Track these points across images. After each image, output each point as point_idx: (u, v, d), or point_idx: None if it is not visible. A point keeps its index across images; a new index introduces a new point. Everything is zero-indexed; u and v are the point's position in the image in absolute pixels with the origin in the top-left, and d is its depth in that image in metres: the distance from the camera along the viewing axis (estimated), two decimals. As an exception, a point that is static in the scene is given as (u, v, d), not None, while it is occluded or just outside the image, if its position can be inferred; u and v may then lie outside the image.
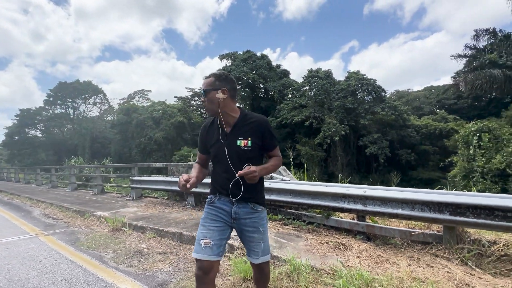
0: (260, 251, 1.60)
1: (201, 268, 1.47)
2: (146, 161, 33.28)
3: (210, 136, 1.64)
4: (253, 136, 1.55)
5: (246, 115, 1.60)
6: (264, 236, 1.62)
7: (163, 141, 35.89)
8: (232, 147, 1.54)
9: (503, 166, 7.45)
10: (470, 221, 2.60)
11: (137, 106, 42.70)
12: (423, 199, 2.83)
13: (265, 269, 1.70)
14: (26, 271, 2.81)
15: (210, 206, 1.64)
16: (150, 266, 2.86)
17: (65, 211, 6.07)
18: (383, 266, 2.55)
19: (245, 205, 1.57)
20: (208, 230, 1.55)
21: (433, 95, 39.78)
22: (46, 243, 3.82)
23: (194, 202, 5.33)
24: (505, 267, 2.50)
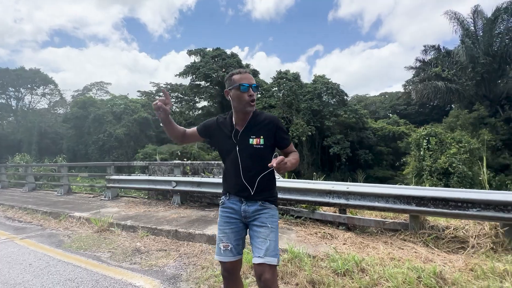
0: (264, 249, 1.41)
1: (225, 270, 1.55)
2: (104, 159, 30.97)
3: (221, 132, 1.62)
4: (265, 135, 1.54)
5: (258, 115, 1.60)
6: (272, 234, 1.48)
7: (125, 137, 33.76)
8: (244, 146, 1.53)
9: (446, 165, 8.84)
10: (431, 210, 3.21)
11: (95, 99, 39.42)
12: (395, 193, 3.39)
13: (268, 278, 1.36)
14: (20, 275, 2.69)
15: (222, 208, 1.64)
16: (154, 262, 2.95)
17: (33, 213, 5.61)
18: (365, 250, 3.02)
19: (254, 203, 1.55)
20: (224, 233, 1.57)
21: (387, 101, 43.83)
22: (26, 247, 3.60)
23: (180, 200, 5.38)
24: (455, 246, 3.15)
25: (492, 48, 16.78)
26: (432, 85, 16.96)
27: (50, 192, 8.57)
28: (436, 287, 2.14)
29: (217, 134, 1.63)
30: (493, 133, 15.16)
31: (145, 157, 27.66)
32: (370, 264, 2.54)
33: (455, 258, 2.82)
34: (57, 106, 46.89)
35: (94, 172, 8.94)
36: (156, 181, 5.51)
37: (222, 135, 1.61)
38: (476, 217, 3.07)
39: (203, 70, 34.64)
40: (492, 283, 2.14)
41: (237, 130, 1.56)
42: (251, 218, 1.55)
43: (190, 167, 5.70)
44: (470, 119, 15.67)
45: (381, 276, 2.32)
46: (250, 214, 1.54)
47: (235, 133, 1.56)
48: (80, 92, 47.12)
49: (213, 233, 3.57)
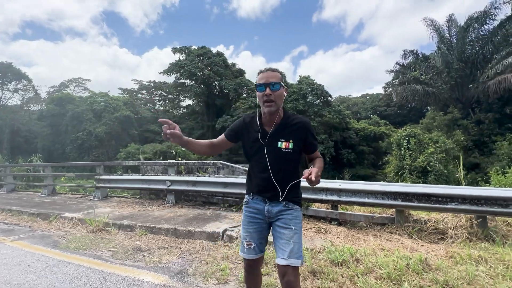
0: (288, 251, 1.42)
1: (248, 265, 1.64)
2: (83, 159, 29.81)
3: (248, 133, 1.59)
4: (295, 139, 1.51)
5: (289, 116, 1.57)
6: (296, 236, 1.48)
7: (106, 136, 32.62)
8: (272, 148, 1.51)
9: (424, 164, 9.46)
10: (415, 205, 3.52)
11: (73, 96, 37.69)
12: (384, 190, 3.67)
13: (292, 280, 1.40)
14: (21, 275, 2.67)
15: (246, 208, 1.66)
16: (158, 259, 3.02)
17: (18, 214, 5.42)
18: (357, 243, 3.26)
19: (278, 203, 1.54)
20: (248, 232, 1.60)
21: (368, 102, 45.44)
22: (20, 248, 3.52)
23: (174, 199, 5.41)
24: (436, 237, 3.47)
25: (464, 54, 17.97)
26: (411, 88, 17.90)
27: (32, 193, 8.23)
28: (422, 272, 2.40)
29: (245, 134, 1.61)
30: (465, 134, 16.27)
31: (128, 157, 26.91)
32: (363, 255, 2.77)
33: (436, 247, 3.12)
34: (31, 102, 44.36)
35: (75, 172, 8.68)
36: (149, 181, 5.50)
37: (249, 136, 1.58)
38: (454, 210, 3.41)
39: (188, 68, 34.17)
40: (469, 267, 2.43)
41: (265, 131, 1.53)
42: (275, 218, 1.55)
43: (185, 166, 5.74)
44: (445, 121, 16.71)
45: (374, 264, 2.56)
46: (274, 214, 1.54)
47: (263, 134, 1.52)
48: (57, 88, 44.87)
49: (213, 230, 3.69)
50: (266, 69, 1.51)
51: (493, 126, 16.38)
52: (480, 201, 3.26)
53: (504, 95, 15.78)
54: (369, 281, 2.29)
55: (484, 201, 3.24)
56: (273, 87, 1.45)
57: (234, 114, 32.26)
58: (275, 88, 1.45)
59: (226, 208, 4.94)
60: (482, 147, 16.56)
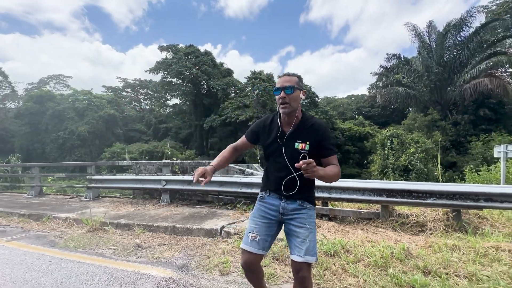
0: (304, 248, 1.49)
1: (245, 262, 1.60)
2: (65, 159, 28.83)
3: (268, 133, 1.67)
4: (311, 140, 1.56)
5: (307, 119, 1.63)
6: (311, 235, 1.55)
7: (89, 136, 31.65)
8: (289, 149, 1.57)
9: (406, 163, 10.00)
10: (398, 200, 3.83)
11: (53, 93, 36.26)
12: (370, 187, 3.96)
13: (306, 276, 1.49)
14: (25, 273, 2.72)
15: (260, 202, 1.70)
16: (160, 255, 3.15)
17: (7, 216, 5.32)
18: (347, 236, 3.53)
19: (293, 201, 1.60)
20: (256, 224, 1.63)
21: (354, 103, 46.72)
22: (17, 248, 3.53)
23: (169, 199, 5.50)
24: (416, 229, 3.80)
25: (443, 59, 18.96)
26: (394, 91, 18.69)
27: (17, 194, 8.01)
28: (405, 259, 2.68)
29: (265, 134, 1.68)
30: (443, 135, 17.20)
31: (113, 157, 26.34)
32: (353, 246, 3.03)
33: (417, 238, 3.44)
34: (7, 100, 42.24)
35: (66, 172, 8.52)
36: (144, 180, 5.56)
37: (269, 136, 1.65)
38: (433, 205, 3.75)
39: (176, 67, 33.76)
40: (445, 254, 2.74)
41: (284, 131, 1.61)
42: (289, 216, 1.60)
43: (179, 166, 5.84)
44: (425, 122, 17.58)
45: (363, 254, 2.82)
46: (289, 212, 1.60)
47: (281, 134, 1.60)
48: (35, 85, 43.03)
49: (211, 227, 3.84)
50: (284, 74, 1.64)
51: (469, 127, 17.41)
52: (455, 196, 3.62)
53: (478, 98, 16.80)
54: (359, 269, 2.54)
55: (458, 196, 3.60)
56: (286, 91, 1.55)
57: (223, 114, 32.21)
58: (288, 92, 1.55)
59: (221, 206, 5.10)
60: (459, 147, 17.56)
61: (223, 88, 34.76)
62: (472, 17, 18.15)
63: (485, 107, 17.28)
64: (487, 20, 18.76)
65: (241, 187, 4.68)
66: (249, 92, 32.56)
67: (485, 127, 17.05)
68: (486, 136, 15.35)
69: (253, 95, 31.96)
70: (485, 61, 16.31)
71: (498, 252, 2.77)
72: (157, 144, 31.05)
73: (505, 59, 15.65)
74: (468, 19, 18.27)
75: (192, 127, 37.24)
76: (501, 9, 19.80)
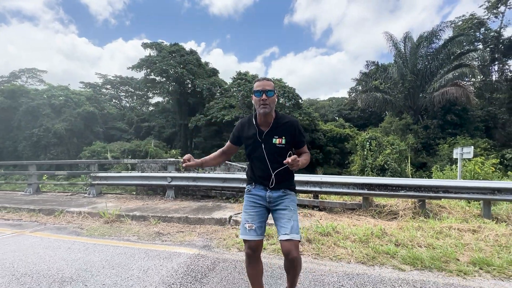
0: (289, 227, 1.69)
1: (249, 247, 1.74)
2: (40, 157, 27.64)
3: (247, 133, 1.86)
4: (287, 135, 1.78)
5: (280, 117, 1.84)
6: (294, 215, 1.77)
7: (66, 133, 30.46)
8: (269, 145, 1.78)
9: (382, 163, 11.09)
10: (377, 193, 4.64)
11: (27, 88, 34.48)
12: (354, 182, 4.74)
13: (295, 256, 1.67)
14: (70, 254, 3.15)
15: (248, 195, 1.90)
16: (182, 239, 3.69)
17: (15, 211, 5.53)
18: (336, 222, 4.25)
19: (277, 190, 1.82)
20: (249, 215, 1.81)
21: (335, 105, 48.61)
22: (46, 238, 3.90)
23: (174, 194, 5.97)
24: (391, 217, 4.62)
25: (416, 67, 20.66)
26: (373, 96, 20.10)
27: (10, 192, 8.04)
28: (381, 237, 3.44)
29: (244, 135, 1.88)
30: (415, 138, 18.81)
31: (93, 155, 25.68)
32: (341, 228, 3.76)
33: (391, 223, 4.25)
34: (-28, 93, 39.53)
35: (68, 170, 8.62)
36: (150, 177, 5.99)
37: (248, 135, 1.85)
38: (404, 196, 4.60)
39: (160, 65, 33.39)
40: (411, 232, 3.54)
41: (262, 130, 1.80)
42: (275, 203, 1.81)
43: (183, 164, 6.32)
44: (400, 126, 19.11)
45: (350, 233, 3.55)
46: (274, 199, 1.81)
47: (259, 133, 1.80)
48: (6, 79, 40.59)
49: (220, 216, 4.42)
50: (262, 78, 1.82)
51: (437, 131, 19.15)
52: (421, 189, 4.48)
53: (446, 104, 18.56)
54: (347, 244, 3.26)
55: (423, 189, 4.46)
56: (268, 94, 1.74)
57: (208, 114, 32.39)
58: (269, 95, 1.74)
59: (225, 200, 5.67)
60: (429, 149, 19.26)
61: (209, 88, 34.88)
62: (441, 31, 19.99)
63: (451, 113, 19.10)
64: (454, 34, 20.72)
65: (242, 182, 5.28)
66: (234, 93, 33.03)
67: (452, 131, 18.87)
68: (452, 139, 17.08)
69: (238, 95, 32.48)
70: (451, 72, 18.06)
71: (450, 230, 3.62)
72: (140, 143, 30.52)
73: (468, 70, 17.46)
74: (438, 33, 20.09)
75: (176, 126, 36.95)
76: (465, 25, 21.91)
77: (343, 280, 2.43)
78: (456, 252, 2.94)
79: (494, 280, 2.40)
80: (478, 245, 3.10)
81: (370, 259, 2.86)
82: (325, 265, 2.78)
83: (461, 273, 2.52)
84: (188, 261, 2.90)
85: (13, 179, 9.72)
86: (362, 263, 2.81)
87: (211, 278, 2.49)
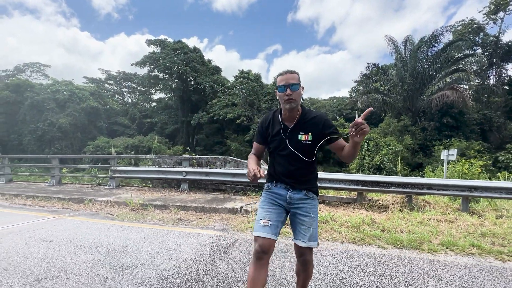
0: (308, 235, 1.62)
1: (260, 246, 1.57)
2: (44, 151, 28.29)
3: (272, 130, 1.75)
4: (314, 131, 1.65)
5: (307, 113, 1.71)
6: (314, 223, 1.66)
7: (71, 128, 31.12)
8: (294, 141, 1.67)
9: (379, 163, 11.73)
10: (370, 189, 5.28)
11: (32, 83, 35.03)
12: (350, 179, 5.38)
13: (308, 259, 1.67)
14: (112, 233, 3.79)
15: (268, 192, 1.78)
16: (202, 224, 4.33)
17: (46, 200, 6.18)
18: (333, 213, 4.90)
19: (299, 191, 1.69)
20: (266, 211, 1.68)
21: (335, 105, 49.16)
22: (85, 221, 4.54)
23: (188, 187, 6.62)
24: (382, 210, 5.26)
25: (416, 70, 21.23)
26: (373, 97, 20.69)
27: (33, 183, 8.68)
28: (371, 224, 4.09)
29: (269, 131, 1.78)
30: (413, 139, 19.46)
31: (97, 150, 26.34)
32: (337, 217, 4.41)
33: (381, 215, 4.89)
34: (-22, 87, 40.10)
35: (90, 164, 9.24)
36: (166, 172, 6.63)
37: (272, 131, 1.75)
38: (393, 192, 5.24)
39: (164, 62, 33.88)
40: (396, 221, 4.18)
41: (286, 126, 1.70)
42: (295, 205, 1.69)
43: (196, 160, 6.95)
44: (398, 127, 19.75)
45: (344, 221, 4.20)
46: (295, 201, 1.69)
47: (284, 129, 1.69)
48: (10, 72, 41.13)
49: (232, 206, 5.06)
50: (285, 71, 1.68)
51: (434, 132, 19.78)
52: (408, 186, 5.12)
53: (443, 107, 19.17)
54: (341, 229, 3.90)
55: (410, 186, 5.10)
56: (292, 88, 1.62)
57: (210, 111, 32.98)
58: (294, 89, 1.62)
59: (234, 193, 6.32)
60: (425, 150, 19.90)
61: (211, 85, 35.42)
62: (441, 35, 20.53)
63: (448, 115, 19.72)
64: (454, 38, 21.26)
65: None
66: (237, 91, 33.56)
67: (448, 133, 19.50)
68: (447, 141, 17.71)
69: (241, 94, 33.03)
70: (449, 76, 18.64)
71: (430, 221, 4.27)
72: (143, 138, 31.12)
73: (464, 75, 18.04)
74: (437, 37, 20.63)
75: (179, 123, 37.49)
76: (465, 30, 22.44)
77: (337, 254, 3.07)
78: (431, 237, 3.58)
79: (456, 256, 3.05)
80: (450, 232, 3.75)
81: (359, 240, 3.51)
82: (323, 244, 3.42)
83: (431, 251, 3.16)
84: (211, 239, 3.54)
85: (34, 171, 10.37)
86: (353, 243, 3.45)
87: (232, 250, 3.14)
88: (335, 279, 2.46)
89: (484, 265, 2.80)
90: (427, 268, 2.69)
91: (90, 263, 2.72)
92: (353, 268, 2.68)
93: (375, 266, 2.75)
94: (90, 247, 3.20)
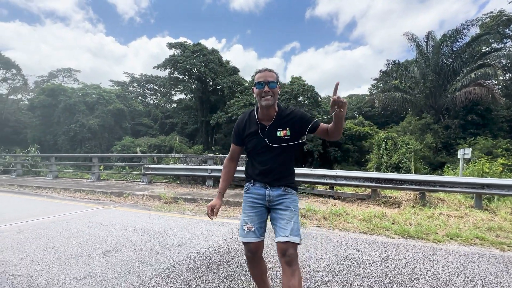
0: (289, 229, 1.57)
1: (249, 250, 1.67)
2: (76, 151, 30.49)
3: (248, 130, 1.74)
4: (291, 126, 1.67)
5: (283, 110, 1.72)
6: (295, 216, 1.64)
7: (99, 129, 33.29)
8: (272, 138, 1.67)
9: (397, 162, 11.75)
10: (383, 186, 5.59)
11: (65, 87, 37.79)
12: (364, 176, 5.71)
13: (293, 258, 1.52)
14: (154, 220, 4.45)
15: (247, 194, 1.79)
16: (228, 215, 4.90)
17: (91, 193, 7.06)
18: (347, 208, 5.28)
19: (278, 188, 1.69)
20: (248, 216, 1.70)
21: (355, 102, 48.25)
22: (129, 211, 5.27)
23: (212, 183, 7.25)
24: (395, 205, 5.55)
25: (438, 67, 20.60)
26: (392, 96, 20.39)
27: (76, 179, 9.75)
28: (382, 217, 4.44)
29: (245, 131, 1.76)
30: (435, 137, 18.95)
31: (123, 149, 27.94)
32: (351, 211, 4.80)
33: (394, 210, 5.21)
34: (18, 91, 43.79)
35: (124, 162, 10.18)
36: (193, 169, 7.30)
37: (250, 131, 1.74)
38: (406, 189, 5.51)
39: (184, 64, 35.11)
40: (407, 216, 4.50)
41: (264, 125, 1.70)
42: (275, 202, 1.69)
43: (220, 159, 7.57)
44: (419, 125, 19.31)
45: (357, 214, 4.58)
46: (275, 198, 1.69)
47: (262, 127, 1.69)
48: (45, 78, 44.54)
49: (254, 201, 5.59)
50: (264, 69, 1.70)
51: (458, 131, 19.14)
52: (421, 183, 5.37)
53: (468, 104, 18.50)
54: (354, 221, 4.29)
55: (423, 183, 5.35)
56: (270, 85, 1.63)
57: (229, 111, 33.82)
58: (272, 86, 1.63)
59: (255, 189, 6.85)
60: (449, 149, 19.30)
61: (229, 86, 36.28)
62: (465, 29, 19.76)
63: (473, 113, 18.99)
64: (481, 32, 20.37)
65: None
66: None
67: (473, 131, 18.79)
68: (472, 140, 17.12)
69: (258, 94, 33.41)
70: (474, 71, 17.96)
71: (440, 216, 4.54)
72: (165, 138, 32.54)
73: (491, 70, 17.30)
74: (462, 31, 19.88)
75: (198, 123, 38.72)
76: (493, 22, 21.38)
77: (348, 241, 3.49)
78: (438, 229, 3.89)
79: (458, 246, 3.36)
80: (457, 226, 4.02)
81: (370, 230, 3.89)
82: (336, 233, 3.85)
83: (436, 241, 3.49)
84: (237, 227, 4.09)
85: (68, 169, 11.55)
86: (363, 233, 3.85)
87: (256, 236, 3.66)
88: (345, 259, 2.90)
89: (483, 253, 3.11)
90: (428, 254, 3.05)
91: (142, 241, 3.36)
92: (361, 252, 3.10)
93: (381, 250, 3.14)
94: (139, 230, 3.86)
